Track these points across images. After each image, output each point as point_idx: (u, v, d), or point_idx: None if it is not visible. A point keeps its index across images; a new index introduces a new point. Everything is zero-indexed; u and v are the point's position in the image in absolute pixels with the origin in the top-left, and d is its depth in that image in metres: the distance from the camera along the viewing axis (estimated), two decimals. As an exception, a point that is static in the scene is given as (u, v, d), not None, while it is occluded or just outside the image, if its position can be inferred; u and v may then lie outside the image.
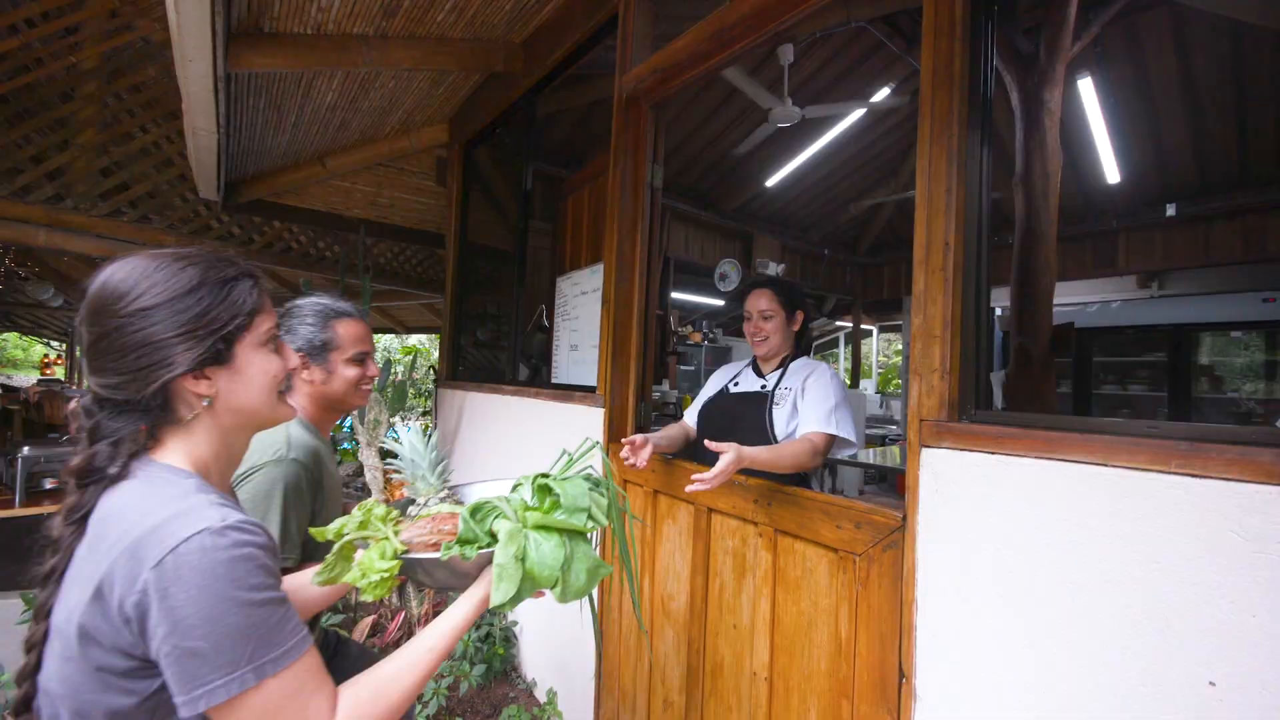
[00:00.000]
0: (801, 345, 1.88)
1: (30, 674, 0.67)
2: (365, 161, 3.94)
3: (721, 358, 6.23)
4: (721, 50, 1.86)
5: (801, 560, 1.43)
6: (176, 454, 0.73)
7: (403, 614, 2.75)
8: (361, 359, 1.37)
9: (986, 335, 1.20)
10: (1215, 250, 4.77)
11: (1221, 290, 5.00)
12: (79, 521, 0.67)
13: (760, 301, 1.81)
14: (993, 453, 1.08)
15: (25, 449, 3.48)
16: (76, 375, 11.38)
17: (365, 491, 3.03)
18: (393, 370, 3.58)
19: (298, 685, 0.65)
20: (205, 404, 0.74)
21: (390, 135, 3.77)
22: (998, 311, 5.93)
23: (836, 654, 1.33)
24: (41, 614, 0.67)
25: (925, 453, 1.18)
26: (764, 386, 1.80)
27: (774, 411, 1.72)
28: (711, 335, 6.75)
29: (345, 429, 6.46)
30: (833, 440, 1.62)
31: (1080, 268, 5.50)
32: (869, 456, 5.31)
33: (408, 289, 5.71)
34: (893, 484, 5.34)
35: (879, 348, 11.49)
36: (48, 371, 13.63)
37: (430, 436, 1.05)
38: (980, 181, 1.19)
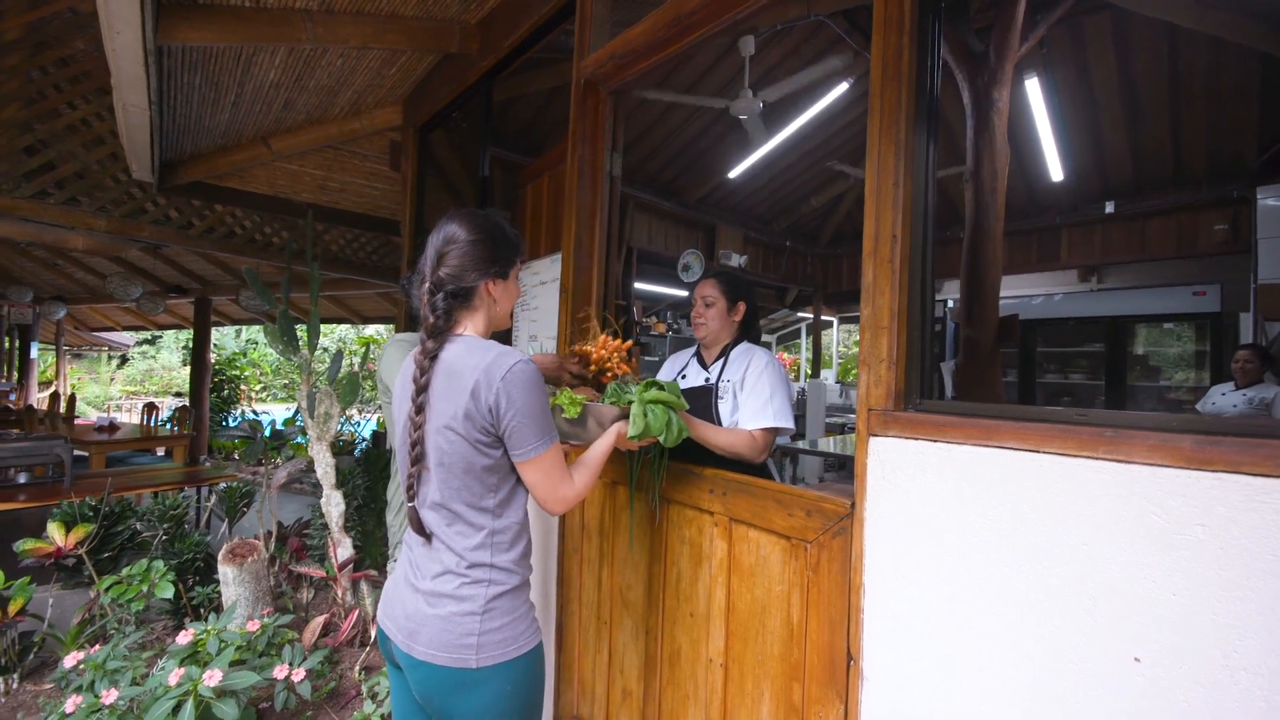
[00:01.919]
0: (749, 335, 1.91)
1: (419, 442, 1.10)
2: (313, 143, 3.77)
3: (685, 348, 6.27)
4: (680, 38, 1.84)
5: (756, 548, 1.45)
6: (472, 329, 1.17)
7: (356, 612, 2.68)
8: None
9: (932, 326, 1.23)
10: (1150, 246, 5.03)
11: (1156, 284, 5.28)
12: (433, 358, 1.10)
13: (705, 289, 1.87)
14: (935, 440, 1.10)
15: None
16: (6, 368, 10.65)
17: (317, 487, 2.93)
18: (344, 362, 3.47)
19: (560, 455, 1.14)
20: (493, 303, 1.19)
21: (340, 117, 3.62)
22: (950, 303, 6.13)
23: (789, 639, 1.36)
24: (421, 408, 1.09)
25: (873, 441, 1.20)
26: (708, 380, 1.83)
27: (719, 405, 1.76)
28: (675, 326, 6.77)
29: (297, 423, 6.23)
30: (774, 431, 1.67)
31: (1026, 262, 5.73)
32: (829, 445, 5.44)
33: (362, 277, 5.53)
34: (851, 471, 5.48)
35: (839, 338, 11.75)
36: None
37: None
38: (926, 175, 1.21)
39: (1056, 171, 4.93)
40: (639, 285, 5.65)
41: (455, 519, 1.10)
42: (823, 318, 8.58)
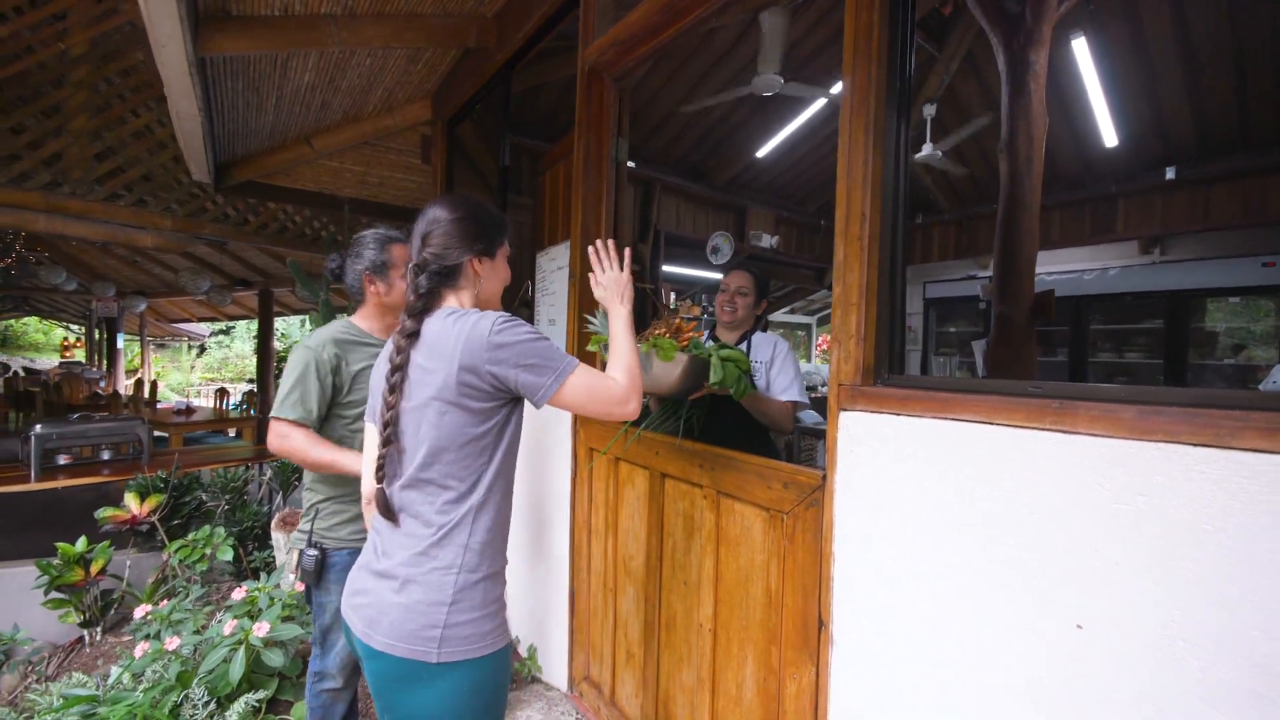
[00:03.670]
0: (760, 324, 2.16)
1: (392, 422, 1.07)
2: (351, 140, 3.97)
3: (711, 328, 6.26)
4: (675, 21, 1.87)
5: (740, 519, 1.51)
6: (456, 304, 1.15)
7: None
8: None
9: (903, 303, 1.24)
10: (1215, 214, 4.68)
11: (1221, 255, 4.91)
12: (411, 338, 1.08)
13: (741, 280, 2.09)
14: (899, 414, 1.13)
15: (37, 427, 3.64)
16: (96, 357, 11.69)
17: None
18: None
19: (585, 367, 1.09)
20: (480, 281, 1.18)
21: (374, 114, 3.80)
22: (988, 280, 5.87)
23: (768, 605, 1.41)
24: (395, 388, 1.07)
25: (842, 415, 1.23)
26: None
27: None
28: (711, 309, 6.77)
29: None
30: (797, 405, 1.92)
31: (1079, 234, 5.42)
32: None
33: (404, 267, 5.78)
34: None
35: (883, 319, 11.42)
36: (67, 354, 13.99)
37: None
38: (898, 154, 1.22)
39: (1111, 137, 4.64)
40: (668, 268, 5.67)
41: (430, 496, 1.05)
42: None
